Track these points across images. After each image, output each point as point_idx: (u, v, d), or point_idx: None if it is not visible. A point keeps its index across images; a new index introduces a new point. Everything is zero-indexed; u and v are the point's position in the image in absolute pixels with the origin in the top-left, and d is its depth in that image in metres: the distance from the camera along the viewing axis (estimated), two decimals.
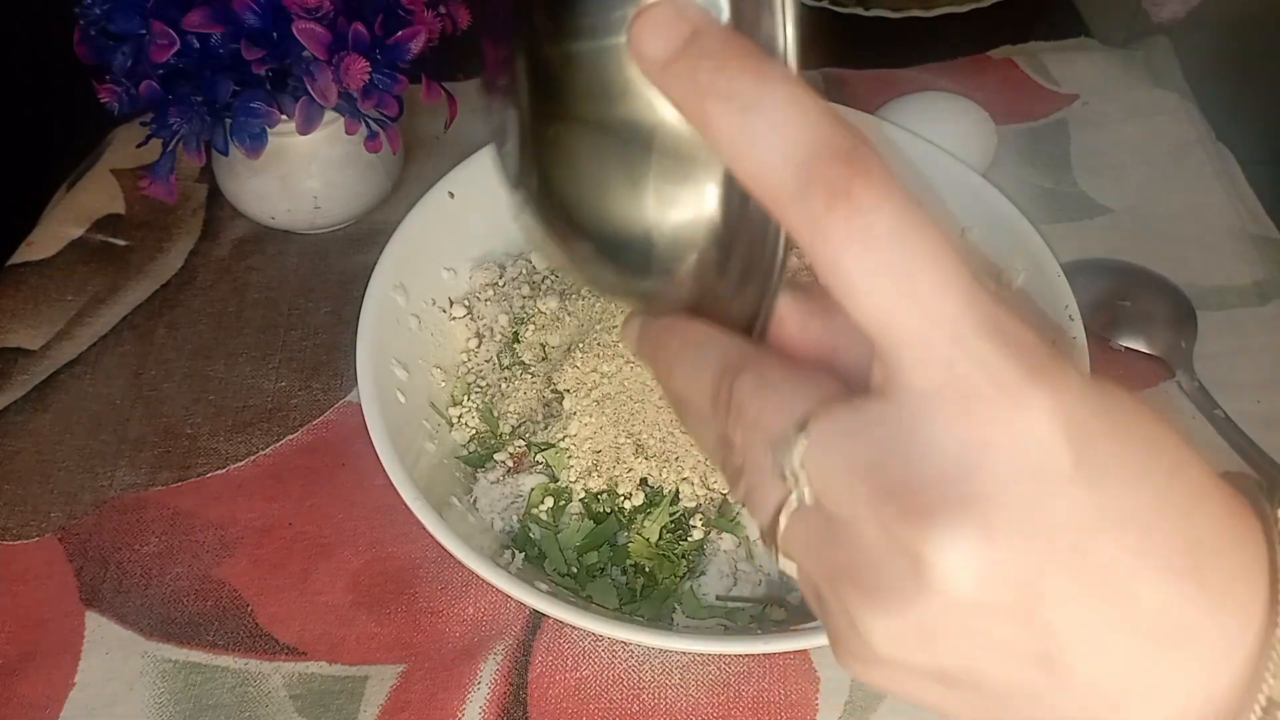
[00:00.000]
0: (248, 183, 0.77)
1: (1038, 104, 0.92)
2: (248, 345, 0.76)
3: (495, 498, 0.61)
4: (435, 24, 0.70)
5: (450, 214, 0.70)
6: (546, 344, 0.66)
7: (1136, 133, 0.89)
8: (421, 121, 0.88)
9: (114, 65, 0.69)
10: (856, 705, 0.58)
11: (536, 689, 0.58)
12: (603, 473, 0.59)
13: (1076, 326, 0.62)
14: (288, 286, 0.79)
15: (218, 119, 0.70)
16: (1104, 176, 0.86)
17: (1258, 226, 0.82)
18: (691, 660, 0.59)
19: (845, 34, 1.01)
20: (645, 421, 0.60)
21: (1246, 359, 0.73)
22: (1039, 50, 0.97)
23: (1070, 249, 0.80)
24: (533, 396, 0.65)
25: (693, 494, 0.59)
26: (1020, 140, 0.89)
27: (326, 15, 0.66)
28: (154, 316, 0.78)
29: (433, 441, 0.63)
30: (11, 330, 0.76)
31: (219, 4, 0.66)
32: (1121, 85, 0.93)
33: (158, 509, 0.67)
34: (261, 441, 0.70)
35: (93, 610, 0.62)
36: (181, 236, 0.83)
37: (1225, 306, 0.76)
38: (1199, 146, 0.88)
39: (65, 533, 0.66)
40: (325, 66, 0.67)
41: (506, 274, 0.71)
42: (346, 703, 0.58)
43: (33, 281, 0.79)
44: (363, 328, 0.62)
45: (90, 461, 0.69)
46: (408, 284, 0.66)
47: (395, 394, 0.62)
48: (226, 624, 0.61)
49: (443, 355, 0.68)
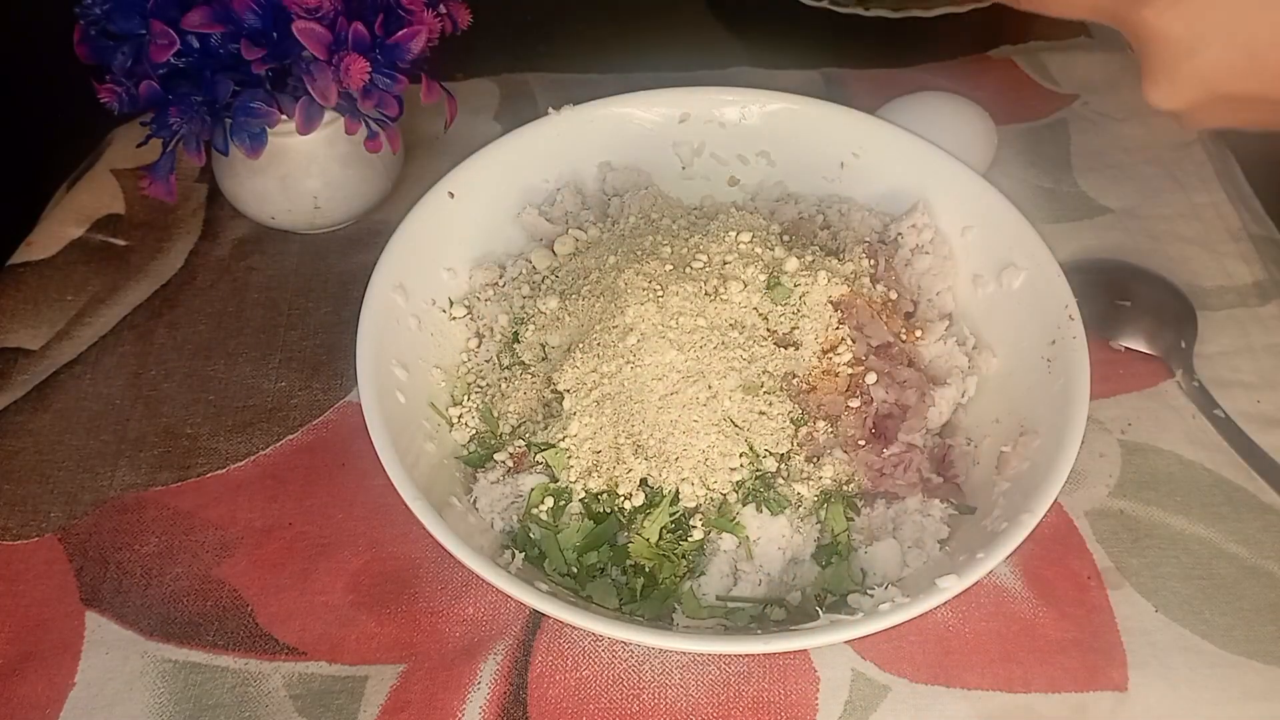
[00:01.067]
0: (248, 183, 0.77)
1: (1038, 104, 0.92)
2: (248, 345, 0.76)
3: (495, 498, 0.61)
4: (435, 24, 0.70)
5: (450, 214, 0.70)
6: (546, 344, 0.66)
7: (1136, 133, 0.89)
8: (421, 121, 0.88)
9: (114, 65, 0.69)
10: (856, 705, 0.58)
11: (536, 689, 0.58)
12: (603, 473, 0.59)
13: (1076, 326, 0.62)
14: (288, 286, 0.79)
15: (218, 119, 0.70)
16: (1104, 176, 0.86)
17: (1258, 226, 0.82)
18: (691, 660, 0.59)
19: (845, 34, 1.01)
20: (645, 422, 0.60)
21: (1246, 359, 0.73)
22: (1039, 50, 0.97)
23: (1070, 249, 0.80)
24: (533, 396, 0.65)
25: (693, 494, 0.59)
26: (1020, 140, 0.89)
27: (326, 15, 0.66)
28: (154, 316, 0.78)
29: (433, 441, 0.63)
30: (11, 330, 0.76)
31: (219, 4, 0.66)
32: (1121, 85, 0.93)
33: (158, 509, 0.67)
34: (261, 441, 0.70)
35: (93, 610, 0.62)
36: (181, 236, 0.83)
37: (1225, 306, 0.76)
38: (1199, 146, 0.88)
39: (65, 533, 0.66)
40: (325, 66, 0.67)
41: (506, 274, 0.71)
42: (346, 703, 0.58)
43: (33, 281, 0.79)
44: (363, 328, 0.62)
45: (90, 461, 0.69)
46: (408, 284, 0.66)
47: (395, 394, 0.62)
48: (226, 624, 0.61)
49: (443, 355, 0.68)
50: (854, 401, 0.63)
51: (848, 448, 0.62)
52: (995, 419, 0.64)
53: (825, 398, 0.63)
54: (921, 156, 0.72)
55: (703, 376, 0.60)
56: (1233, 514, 0.66)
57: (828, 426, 0.62)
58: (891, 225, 0.72)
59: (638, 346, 0.61)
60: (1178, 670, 0.59)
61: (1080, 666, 0.59)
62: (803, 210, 0.74)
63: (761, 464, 0.60)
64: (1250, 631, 0.61)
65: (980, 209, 0.70)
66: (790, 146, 0.76)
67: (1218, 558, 0.64)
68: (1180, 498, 0.66)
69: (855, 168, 0.75)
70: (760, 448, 0.60)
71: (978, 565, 0.53)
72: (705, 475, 0.59)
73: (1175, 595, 0.62)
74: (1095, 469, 0.68)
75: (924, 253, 0.70)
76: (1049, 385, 0.61)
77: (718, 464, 0.59)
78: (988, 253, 0.69)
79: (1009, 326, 0.67)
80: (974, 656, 0.59)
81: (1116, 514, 0.66)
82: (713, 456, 0.59)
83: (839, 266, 0.66)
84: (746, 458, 0.60)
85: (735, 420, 0.60)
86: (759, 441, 0.60)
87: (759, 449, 0.60)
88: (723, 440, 0.60)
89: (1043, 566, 0.63)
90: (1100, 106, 0.92)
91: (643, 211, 0.72)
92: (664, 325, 0.61)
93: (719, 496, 0.59)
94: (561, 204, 0.74)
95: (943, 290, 0.70)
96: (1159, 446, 0.69)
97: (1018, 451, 0.60)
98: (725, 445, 0.60)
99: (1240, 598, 0.62)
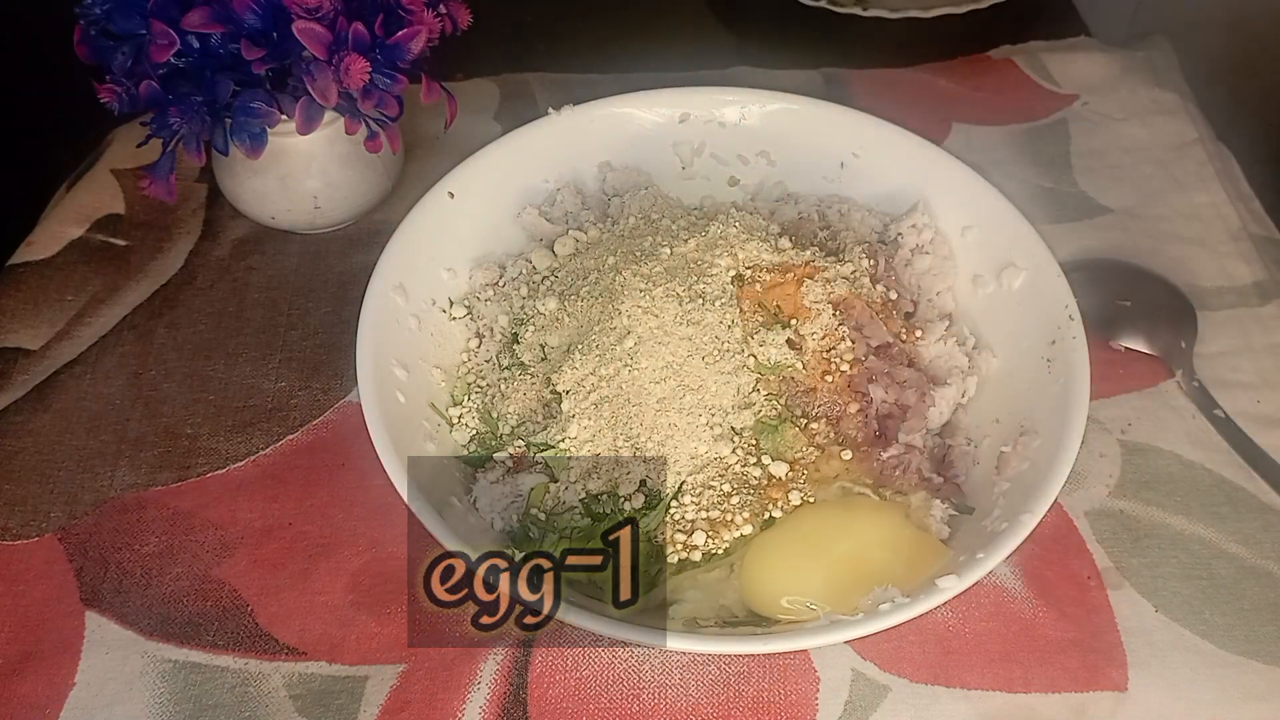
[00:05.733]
0: (248, 183, 0.77)
1: (1038, 104, 0.92)
2: (248, 345, 0.76)
3: (495, 497, 0.61)
4: (435, 24, 0.70)
5: (450, 214, 0.70)
6: (546, 344, 0.66)
7: (1136, 133, 0.89)
8: (421, 121, 0.88)
9: (114, 65, 0.69)
10: (856, 705, 0.58)
11: (536, 689, 0.58)
12: (602, 475, 0.60)
13: (1076, 326, 0.62)
14: (288, 286, 0.79)
15: (218, 119, 0.70)
16: (1104, 176, 0.86)
17: (1258, 226, 0.82)
18: (691, 660, 0.59)
19: (845, 34, 1.01)
20: (644, 424, 0.60)
21: (1247, 359, 0.73)
22: (1039, 50, 0.97)
23: (1070, 249, 0.80)
24: (532, 397, 0.65)
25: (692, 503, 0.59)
26: (1020, 140, 0.89)
27: (326, 15, 0.66)
28: (154, 316, 0.78)
29: (433, 441, 0.63)
30: (12, 330, 0.76)
31: (219, 4, 0.66)
32: (1121, 85, 0.93)
33: (158, 509, 0.67)
34: (261, 441, 0.70)
35: (93, 610, 0.62)
36: (181, 236, 0.83)
37: (1225, 306, 0.76)
38: (1199, 146, 0.88)
39: (65, 532, 0.66)
40: (325, 66, 0.67)
41: (506, 274, 0.71)
42: (347, 703, 0.58)
43: (33, 281, 0.79)
44: (363, 328, 0.62)
45: (90, 461, 0.69)
46: (408, 284, 0.66)
47: (395, 394, 0.62)
48: (226, 624, 0.61)
49: (443, 355, 0.68)
50: (853, 403, 0.63)
51: (848, 448, 0.62)
52: (995, 419, 0.64)
53: (825, 398, 0.63)
54: (921, 156, 0.72)
55: (701, 379, 0.60)
56: (1233, 514, 0.66)
57: (828, 427, 0.62)
58: (891, 225, 0.72)
59: (635, 349, 0.61)
60: (1177, 670, 0.59)
61: (1080, 667, 0.59)
62: (803, 210, 0.74)
63: (760, 465, 0.60)
64: (1250, 631, 0.61)
65: (980, 209, 0.70)
66: (790, 146, 0.76)
67: (1218, 558, 0.64)
68: (1180, 498, 0.66)
69: (855, 168, 0.75)
70: (760, 449, 0.60)
71: (978, 565, 0.53)
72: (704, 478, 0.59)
73: (1175, 595, 0.62)
74: (1095, 469, 0.68)
75: (924, 253, 0.70)
76: (1049, 385, 0.61)
77: (716, 467, 0.59)
78: (988, 253, 0.69)
79: (1009, 326, 0.67)
80: (974, 656, 0.59)
81: (1116, 514, 0.66)
82: (711, 460, 0.59)
83: (839, 267, 0.67)
84: (745, 458, 0.60)
85: (734, 424, 0.60)
86: (759, 443, 0.60)
87: (759, 450, 0.60)
88: (721, 444, 0.60)
89: (1043, 566, 0.63)
90: (1100, 106, 0.92)
91: (643, 212, 0.72)
92: (661, 328, 0.61)
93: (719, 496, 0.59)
94: (561, 204, 0.74)
95: (943, 290, 0.70)
96: (1159, 446, 0.69)
97: (1018, 451, 0.60)
98: (723, 448, 0.60)
99: (1240, 598, 0.62)
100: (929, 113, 0.90)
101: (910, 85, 0.94)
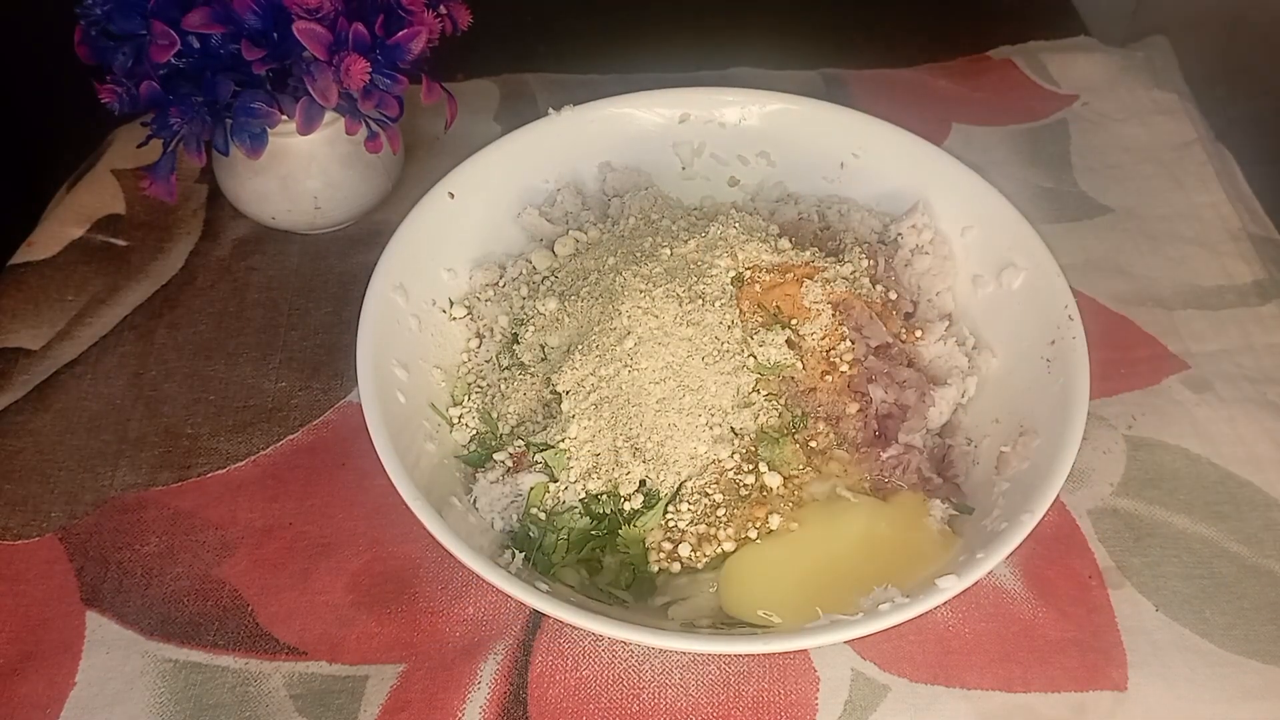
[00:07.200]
0: (248, 183, 0.77)
1: (1038, 104, 0.92)
2: (248, 345, 0.76)
3: (495, 497, 0.61)
4: (435, 24, 0.70)
5: (450, 214, 0.70)
6: (546, 345, 0.66)
7: (1136, 133, 0.89)
8: (421, 121, 0.88)
9: (114, 65, 0.69)
10: (856, 705, 0.58)
11: (536, 689, 0.58)
12: (602, 475, 0.60)
13: (1076, 326, 0.62)
14: (288, 286, 0.79)
15: (218, 119, 0.70)
16: (1104, 176, 0.86)
17: (1258, 226, 0.82)
18: (691, 660, 0.59)
19: (845, 34, 1.01)
20: (643, 425, 0.60)
21: (1247, 359, 0.73)
22: (1039, 50, 0.97)
23: (1070, 249, 0.80)
24: (532, 397, 0.65)
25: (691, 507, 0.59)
26: (1020, 140, 0.89)
27: (327, 16, 0.66)
28: (154, 316, 0.78)
29: (433, 441, 0.63)
30: (12, 330, 0.76)
31: (219, 5, 0.66)
32: (1121, 85, 0.93)
33: (158, 509, 0.67)
34: (261, 441, 0.70)
35: (93, 610, 0.62)
36: (182, 237, 0.83)
37: (1225, 306, 0.76)
38: (1199, 146, 0.88)
39: (66, 532, 0.66)
40: (325, 67, 0.67)
41: (506, 274, 0.71)
42: (347, 702, 0.58)
43: (33, 281, 0.79)
44: (363, 328, 0.62)
45: (91, 461, 0.69)
46: (408, 284, 0.66)
47: (395, 394, 0.62)
48: (227, 624, 0.61)
49: (443, 355, 0.68)
50: (853, 404, 0.63)
51: (848, 448, 0.62)
52: (995, 419, 0.64)
53: (825, 399, 0.63)
54: (921, 156, 0.72)
55: (700, 380, 0.60)
56: (1235, 512, 0.66)
57: (828, 427, 0.62)
58: (891, 225, 0.72)
59: (635, 349, 0.61)
60: (1177, 670, 0.59)
61: (1080, 666, 0.59)
62: (803, 211, 0.74)
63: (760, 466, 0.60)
64: (1250, 631, 0.61)
65: (980, 209, 0.70)
66: (790, 147, 0.76)
67: (1219, 557, 0.64)
68: (1184, 495, 0.66)
69: (855, 168, 0.75)
70: (759, 451, 0.60)
71: (978, 565, 0.53)
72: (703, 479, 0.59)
73: (1176, 594, 0.62)
74: (1100, 466, 0.68)
75: (924, 253, 0.70)
76: (1049, 385, 0.61)
77: (713, 470, 0.59)
78: (988, 253, 0.69)
79: (1009, 326, 0.67)
80: (974, 656, 0.59)
81: (1119, 513, 0.66)
82: (710, 461, 0.60)
83: (838, 267, 0.67)
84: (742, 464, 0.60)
85: (734, 425, 0.60)
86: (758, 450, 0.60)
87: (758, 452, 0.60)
88: (720, 446, 0.60)
89: (1043, 566, 0.63)
90: (1100, 106, 0.92)
91: (643, 212, 0.72)
92: (661, 328, 0.61)
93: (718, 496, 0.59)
94: (561, 204, 0.74)
95: (942, 290, 0.70)
96: (1165, 441, 0.69)
97: (1018, 451, 0.60)
98: (722, 451, 0.60)
99: (1241, 597, 0.62)
100: (929, 113, 0.90)
101: (910, 85, 0.94)
